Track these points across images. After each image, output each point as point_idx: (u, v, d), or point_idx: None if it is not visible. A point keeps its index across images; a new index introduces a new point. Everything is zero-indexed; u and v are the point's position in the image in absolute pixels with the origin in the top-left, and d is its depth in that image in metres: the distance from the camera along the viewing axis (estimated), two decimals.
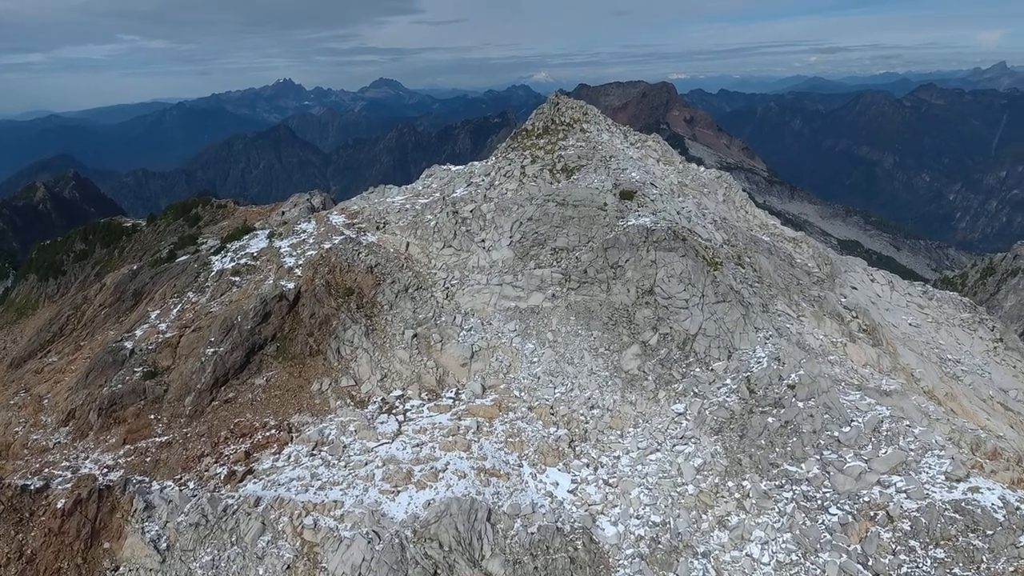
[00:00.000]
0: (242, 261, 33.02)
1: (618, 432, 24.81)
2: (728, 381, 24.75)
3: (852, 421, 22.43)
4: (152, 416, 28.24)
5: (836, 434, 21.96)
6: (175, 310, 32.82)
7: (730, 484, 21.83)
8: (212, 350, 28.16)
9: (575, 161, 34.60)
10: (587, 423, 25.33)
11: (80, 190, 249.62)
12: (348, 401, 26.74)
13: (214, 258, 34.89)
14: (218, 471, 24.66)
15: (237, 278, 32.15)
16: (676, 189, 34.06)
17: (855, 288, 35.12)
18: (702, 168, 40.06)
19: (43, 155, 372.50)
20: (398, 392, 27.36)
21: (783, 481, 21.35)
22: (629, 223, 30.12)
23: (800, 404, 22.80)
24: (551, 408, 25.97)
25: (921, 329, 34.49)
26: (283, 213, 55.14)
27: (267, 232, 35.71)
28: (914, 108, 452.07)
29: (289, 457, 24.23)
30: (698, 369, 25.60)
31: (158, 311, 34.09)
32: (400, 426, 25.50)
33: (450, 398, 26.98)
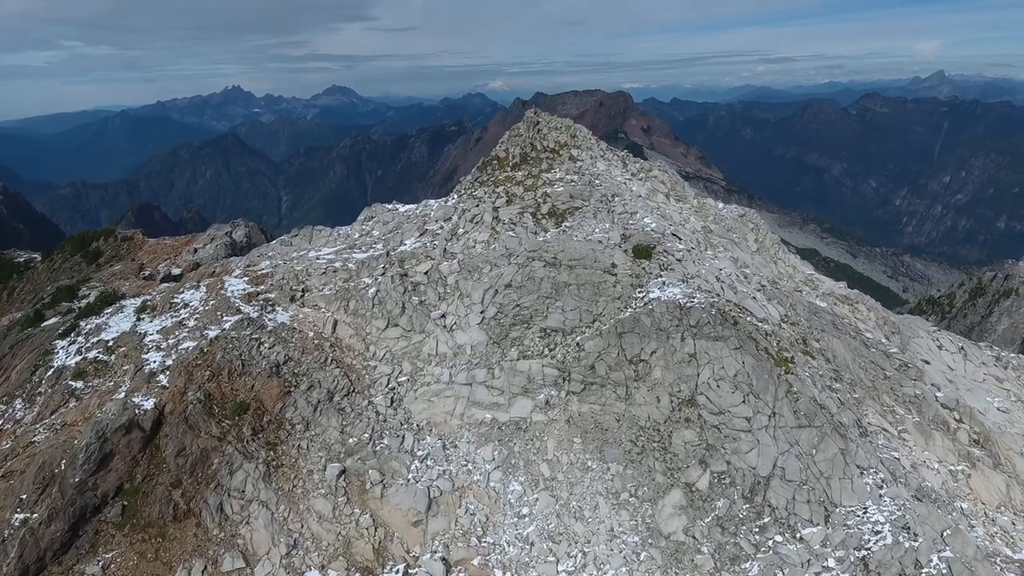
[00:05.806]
0: (91, 354, 22.61)
1: None
2: (831, 563, 15.93)
3: None
4: None
5: None
6: None
7: None
8: (22, 517, 17.86)
9: (566, 202, 25.55)
10: None
11: (9, 205, 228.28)
12: None
13: (59, 344, 24.38)
14: None
15: (79, 383, 21.76)
16: (703, 239, 25.34)
17: (928, 363, 27.06)
18: (720, 204, 31.50)
19: None
20: (314, 575, 17.67)
21: None
22: (652, 295, 21.18)
23: None
24: None
25: (1012, 416, 26.62)
26: (195, 251, 44.55)
27: (138, 303, 25.34)
28: (860, 116, 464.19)
29: None
30: (779, 537, 16.74)
31: None
32: None
33: None
